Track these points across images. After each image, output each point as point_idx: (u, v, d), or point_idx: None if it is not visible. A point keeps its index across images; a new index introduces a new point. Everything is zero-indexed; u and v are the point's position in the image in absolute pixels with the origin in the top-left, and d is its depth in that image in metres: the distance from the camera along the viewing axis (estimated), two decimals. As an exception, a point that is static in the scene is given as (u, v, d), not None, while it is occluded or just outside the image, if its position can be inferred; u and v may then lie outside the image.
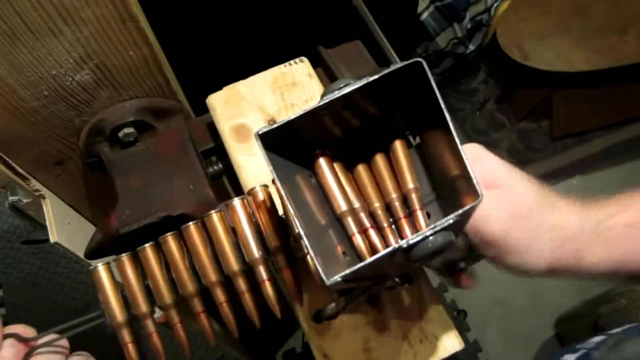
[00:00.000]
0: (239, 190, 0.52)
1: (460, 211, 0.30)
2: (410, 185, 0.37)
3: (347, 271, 0.29)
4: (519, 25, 1.39)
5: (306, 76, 0.56)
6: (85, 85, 0.53)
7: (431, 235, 0.30)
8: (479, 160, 0.42)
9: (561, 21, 1.39)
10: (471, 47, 1.45)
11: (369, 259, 0.29)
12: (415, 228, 0.37)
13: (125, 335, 0.40)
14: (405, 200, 0.38)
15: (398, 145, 0.39)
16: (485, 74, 1.61)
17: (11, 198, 0.54)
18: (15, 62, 0.48)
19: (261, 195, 0.40)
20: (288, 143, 0.33)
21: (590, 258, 0.41)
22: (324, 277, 0.29)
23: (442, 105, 0.32)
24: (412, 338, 0.46)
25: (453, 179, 0.34)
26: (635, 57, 1.36)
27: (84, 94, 0.54)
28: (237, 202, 0.39)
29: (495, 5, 1.38)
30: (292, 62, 0.56)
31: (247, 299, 0.40)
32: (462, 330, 1.25)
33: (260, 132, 0.30)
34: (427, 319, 0.46)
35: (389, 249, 0.29)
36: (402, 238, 0.37)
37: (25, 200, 0.55)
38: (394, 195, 0.38)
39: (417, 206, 0.37)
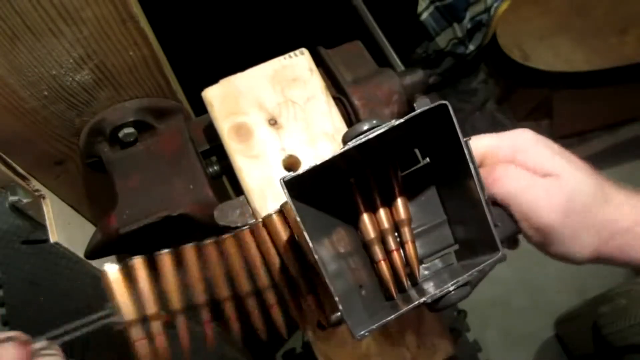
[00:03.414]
0: (238, 190, 0.52)
1: (480, 267, 0.32)
2: (403, 217, 0.37)
3: (374, 327, 0.30)
4: (519, 25, 1.39)
5: (307, 71, 0.54)
6: (85, 86, 0.53)
7: (453, 290, 0.32)
8: (530, 148, 0.41)
9: (561, 21, 1.39)
10: (471, 47, 1.45)
11: (394, 315, 0.30)
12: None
13: (137, 333, 0.40)
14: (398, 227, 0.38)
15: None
16: (485, 74, 1.61)
17: (11, 198, 0.54)
18: (15, 62, 0.48)
19: (277, 222, 0.40)
20: (306, 182, 0.33)
21: (637, 252, 0.41)
22: (354, 334, 0.30)
23: (464, 144, 0.32)
24: (410, 344, 0.46)
25: (468, 209, 0.35)
26: (635, 57, 1.36)
27: (84, 94, 0.54)
28: (275, 217, 0.40)
29: (495, 5, 1.38)
30: (292, 54, 0.55)
31: (276, 312, 0.41)
32: (462, 330, 1.25)
33: (285, 179, 0.31)
34: (425, 325, 0.47)
35: (414, 304, 0.31)
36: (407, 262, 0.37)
37: (25, 200, 0.55)
38: (403, 218, 0.38)
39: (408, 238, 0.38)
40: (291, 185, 0.31)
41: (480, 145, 0.42)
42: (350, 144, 0.31)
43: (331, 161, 0.31)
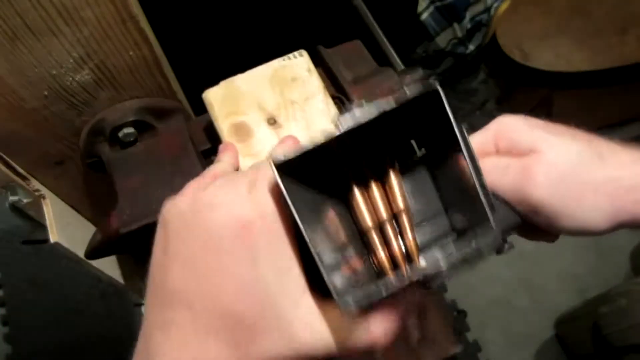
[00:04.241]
0: (239, 190, 0.52)
1: (474, 245, 0.31)
2: (401, 207, 0.37)
3: (362, 299, 0.29)
4: (519, 25, 1.39)
5: (306, 71, 0.55)
6: (85, 86, 0.53)
7: (446, 268, 0.31)
8: (509, 131, 0.41)
9: (561, 21, 1.39)
10: (471, 47, 1.45)
11: (385, 294, 0.30)
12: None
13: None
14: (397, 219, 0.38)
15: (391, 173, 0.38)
16: (485, 74, 1.61)
17: (11, 198, 0.54)
18: (15, 63, 0.48)
19: None
20: (298, 166, 0.33)
21: None
22: (342, 308, 0.29)
23: (456, 129, 0.32)
24: (413, 340, 0.46)
25: (465, 197, 0.34)
26: (635, 58, 1.36)
27: (84, 94, 0.54)
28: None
29: (495, 5, 1.38)
30: (291, 55, 0.55)
31: None
32: (462, 330, 1.25)
33: (276, 162, 0.30)
34: (428, 321, 0.47)
35: (404, 283, 0.30)
36: (407, 254, 0.37)
37: (25, 200, 0.55)
38: (401, 208, 0.37)
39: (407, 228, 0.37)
40: (282, 169, 0.30)
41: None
42: (342, 128, 0.31)
43: (322, 144, 0.31)
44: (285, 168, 0.31)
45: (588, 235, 0.40)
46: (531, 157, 0.39)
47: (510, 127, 0.41)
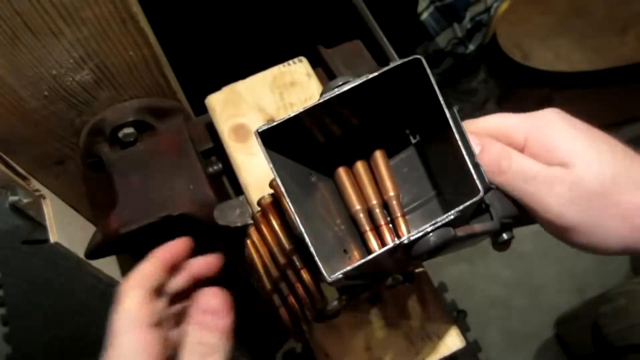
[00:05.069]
0: (238, 190, 0.52)
1: (460, 207, 0.30)
2: (391, 193, 0.37)
3: (349, 268, 0.29)
4: (519, 25, 1.39)
5: (305, 76, 0.55)
6: (85, 85, 0.53)
7: (432, 231, 0.30)
8: (548, 131, 0.39)
9: (561, 21, 1.39)
10: (471, 47, 1.45)
11: (370, 256, 0.29)
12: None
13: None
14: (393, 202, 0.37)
15: (379, 154, 0.38)
16: (485, 74, 1.61)
17: (11, 198, 0.54)
18: (15, 62, 0.48)
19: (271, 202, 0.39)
20: (287, 142, 0.33)
21: None
22: (325, 275, 0.29)
23: (442, 101, 0.32)
24: (413, 336, 0.46)
25: (455, 174, 0.34)
26: (635, 57, 1.36)
27: (84, 94, 0.54)
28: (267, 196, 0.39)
29: (495, 5, 1.38)
30: (290, 62, 0.56)
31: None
32: (462, 331, 1.25)
33: (260, 130, 0.30)
34: (429, 317, 0.46)
35: (390, 246, 0.30)
36: (397, 236, 0.36)
37: (25, 200, 0.55)
38: (391, 194, 0.37)
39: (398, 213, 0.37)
40: (270, 145, 0.30)
41: (495, 122, 0.40)
42: (325, 96, 0.31)
43: (305, 113, 0.31)
44: (273, 141, 0.31)
45: (592, 253, 0.39)
46: (561, 170, 0.37)
47: (551, 130, 0.39)
